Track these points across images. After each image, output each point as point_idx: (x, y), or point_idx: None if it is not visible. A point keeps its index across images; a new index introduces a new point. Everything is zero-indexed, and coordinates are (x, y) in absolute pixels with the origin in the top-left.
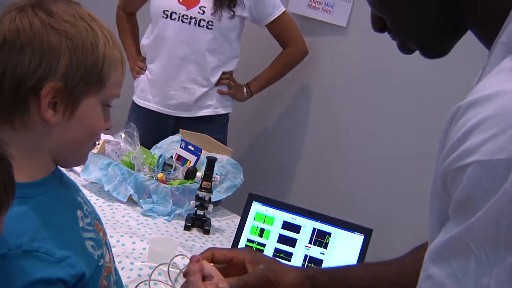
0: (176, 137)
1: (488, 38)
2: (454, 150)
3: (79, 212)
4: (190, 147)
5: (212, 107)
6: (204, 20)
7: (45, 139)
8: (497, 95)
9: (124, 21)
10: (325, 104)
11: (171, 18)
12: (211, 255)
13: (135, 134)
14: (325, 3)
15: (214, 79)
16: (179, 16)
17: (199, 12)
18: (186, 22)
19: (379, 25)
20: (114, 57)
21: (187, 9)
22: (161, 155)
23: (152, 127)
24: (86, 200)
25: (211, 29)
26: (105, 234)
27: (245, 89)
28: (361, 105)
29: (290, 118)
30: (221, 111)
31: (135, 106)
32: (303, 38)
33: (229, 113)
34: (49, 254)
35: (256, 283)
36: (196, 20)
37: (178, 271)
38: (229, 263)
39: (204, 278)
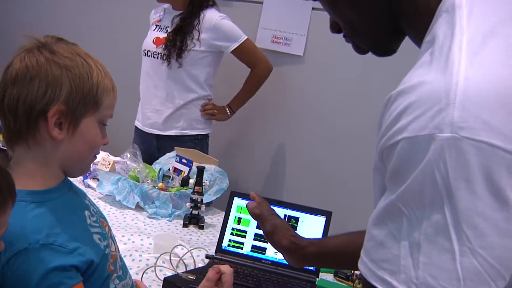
0: (172, 154)
1: (419, 39)
2: (388, 130)
3: (86, 212)
4: (183, 160)
5: (179, 128)
6: (165, 55)
7: (54, 154)
8: (419, 85)
9: None
10: (289, 113)
11: (147, 55)
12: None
13: (137, 153)
14: (284, 37)
15: (179, 102)
16: (151, 53)
17: (163, 49)
18: (156, 57)
19: (335, 28)
20: (106, 84)
21: (156, 47)
22: (160, 169)
23: (144, 144)
24: (92, 203)
25: (175, 61)
26: (110, 229)
27: (227, 109)
28: (319, 112)
29: (262, 130)
30: (188, 132)
31: (135, 128)
32: (266, 58)
33: (199, 134)
34: (63, 246)
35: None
36: (160, 55)
37: (178, 258)
38: None
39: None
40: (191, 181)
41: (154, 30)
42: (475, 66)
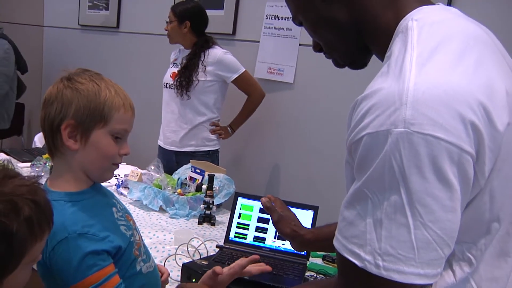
0: (188, 165)
1: (382, 55)
2: (355, 128)
3: (113, 209)
4: (197, 170)
5: (194, 146)
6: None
7: (74, 161)
8: (379, 90)
9: None
10: (282, 130)
11: (166, 87)
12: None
13: (160, 165)
14: (278, 69)
15: (192, 124)
16: (169, 85)
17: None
18: (172, 89)
19: (317, 47)
20: (115, 102)
21: (173, 80)
22: (179, 178)
23: (165, 159)
24: (119, 201)
25: (187, 90)
26: (134, 223)
27: (229, 129)
28: (306, 128)
29: (260, 145)
30: (201, 148)
31: (159, 147)
32: (260, 87)
33: (210, 150)
34: (95, 235)
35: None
36: (175, 86)
37: (194, 249)
38: None
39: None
40: (204, 187)
41: (171, 66)
42: (422, 75)
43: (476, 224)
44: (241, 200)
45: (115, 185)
